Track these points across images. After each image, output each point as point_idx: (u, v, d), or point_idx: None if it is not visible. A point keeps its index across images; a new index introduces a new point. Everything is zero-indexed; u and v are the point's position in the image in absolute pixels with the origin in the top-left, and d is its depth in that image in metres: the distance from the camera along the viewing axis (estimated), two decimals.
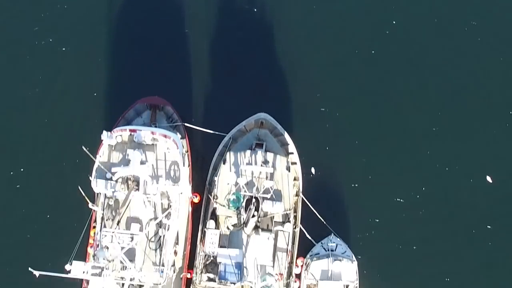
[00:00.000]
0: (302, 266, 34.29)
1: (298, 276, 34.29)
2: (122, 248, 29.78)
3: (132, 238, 30.09)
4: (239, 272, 32.18)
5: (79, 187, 29.29)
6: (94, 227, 33.10)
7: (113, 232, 30.14)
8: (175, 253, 33.88)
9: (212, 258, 32.43)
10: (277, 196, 32.41)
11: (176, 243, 33.93)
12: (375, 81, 38.56)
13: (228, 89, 37.91)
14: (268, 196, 32.00)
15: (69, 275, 27.57)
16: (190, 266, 33.84)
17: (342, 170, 36.75)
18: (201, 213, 33.95)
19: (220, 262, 32.01)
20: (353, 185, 36.54)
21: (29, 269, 26.09)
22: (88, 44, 38.79)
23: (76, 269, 27.52)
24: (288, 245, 32.75)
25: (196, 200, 34.87)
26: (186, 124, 34.69)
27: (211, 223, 32.67)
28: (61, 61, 38.45)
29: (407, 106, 38.14)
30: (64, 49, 38.60)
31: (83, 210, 31.37)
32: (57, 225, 35.15)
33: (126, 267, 30.33)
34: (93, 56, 38.54)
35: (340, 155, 37.07)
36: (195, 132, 35.23)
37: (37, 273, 26.42)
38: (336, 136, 37.48)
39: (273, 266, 32.28)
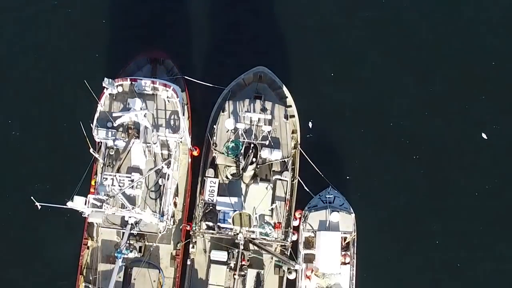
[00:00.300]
0: (300, 218, 34.71)
1: (297, 229, 34.74)
2: (121, 189, 30.24)
3: (132, 181, 30.49)
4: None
5: (80, 123, 29.74)
6: (95, 177, 33.64)
7: (114, 175, 30.61)
8: (175, 204, 34.39)
9: (211, 207, 32.88)
10: (275, 144, 32.87)
11: (176, 194, 34.51)
12: (374, 38, 38.75)
13: (227, 43, 38.16)
14: (266, 142, 32.51)
15: (70, 206, 27.92)
16: (190, 218, 34.23)
17: (339, 125, 37.10)
18: (200, 164, 34.48)
19: (219, 211, 32.61)
20: (350, 141, 36.91)
21: (31, 198, 26.53)
22: (91, 4, 38.99)
23: (77, 203, 27.97)
24: (286, 194, 33.18)
25: (195, 153, 35.27)
26: (186, 77, 35.09)
27: (210, 172, 33.08)
28: (65, 21, 38.71)
29: (405, 63, 38.37)
30: (69, 10, 38.95)
31: (84, 155, 31.65)
32: (58, 169, 35.73)
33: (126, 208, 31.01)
34: (95, 15, 38.70)
35: (338, 110, 37.40)
36: (195, 86, 35.48)
37: (38, 204, 26.82)
38: (335, 91, 37.77)
39: (272, 216, 32.90)
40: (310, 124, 36.88)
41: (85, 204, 28.19)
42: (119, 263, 31.43)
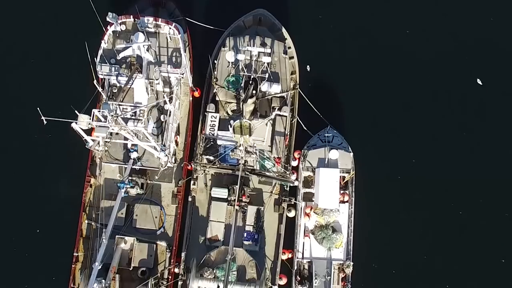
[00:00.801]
0: (299, 158, 35.31)
1: (296, 169, 35.32)
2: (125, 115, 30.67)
3: (134, 107, 30.93)
4: None
5: (86, 44, 30.05)
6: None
7: (118, 105, 31.02)
8: (176, 143, 35.03)
9: (212, 142, 33.54)
10: (274, 78, 33.52)
11: (177, 133, 35.16)
12: None
13: None
14: (266, 76, 33.17)
15: (75, 126, 28.43)
16: (191, 158, 34.56)
17: (337, 68, 37.61)
18: (201, 104, 34.99)
19: (220, 145, 33.26)
20: (348, 84, 37.38)
21: (37, 109, 26.99)
22: None
23: (82, 120, 28.46)
24: (285, 129, 33.81)
25: (196, 93, 35.92)
26: (187, 19, 35.62)
27: (211, 106, 33.64)
28: None
29: (400, 11, 39.01)
30: None
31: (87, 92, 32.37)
32: (60, 99, 35.68)
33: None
34: None
35: (335, 53, 37.96)
36: (196, 30, 36.08)
37: (44, 119, 27.18)
38: (333, 35, 38.33)
39: (271, 151, 33.53)
40: (308, 68, 37.53)
41: (90, 118, 28.65)
42: (121, 193, 31.98)
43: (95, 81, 30.75)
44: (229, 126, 32.81)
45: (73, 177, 35.15)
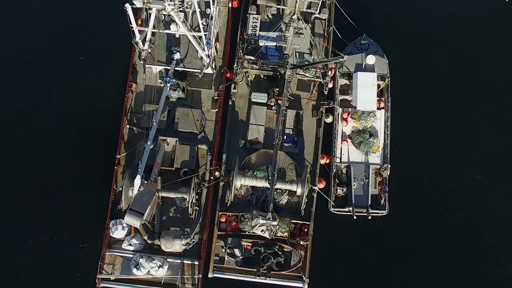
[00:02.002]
0: (334, 67, 35.83)
1: (333, 77, 35.91)
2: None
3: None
4: (279, 53, 34.15)
5: None
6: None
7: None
8: (216, 50, 35.72)
9: (253, 43, 34.25)
10: None
11: (217, 40, 35.83)
12: None
13: None
14: None
15: (128, 7, 29.19)
16: (230, 66, 35.22)
17: None
18: (240, 11, 35.63)
19: (262, 45, 33.96)
20: None
21: None
22: None
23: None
24: (324, 31, 34.62)
25: (235, 3, 36.52)
26: None
27: (253, 8, 34.52)
28: None
29: None
30: None
31: None
32: None
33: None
34: None
35: None
36: None
37: None
38: None
39: (311, 54, 34.28)
40: None
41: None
42: (166, 87, 32.69)
43: None
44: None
45: (114, 84, 35.53)
